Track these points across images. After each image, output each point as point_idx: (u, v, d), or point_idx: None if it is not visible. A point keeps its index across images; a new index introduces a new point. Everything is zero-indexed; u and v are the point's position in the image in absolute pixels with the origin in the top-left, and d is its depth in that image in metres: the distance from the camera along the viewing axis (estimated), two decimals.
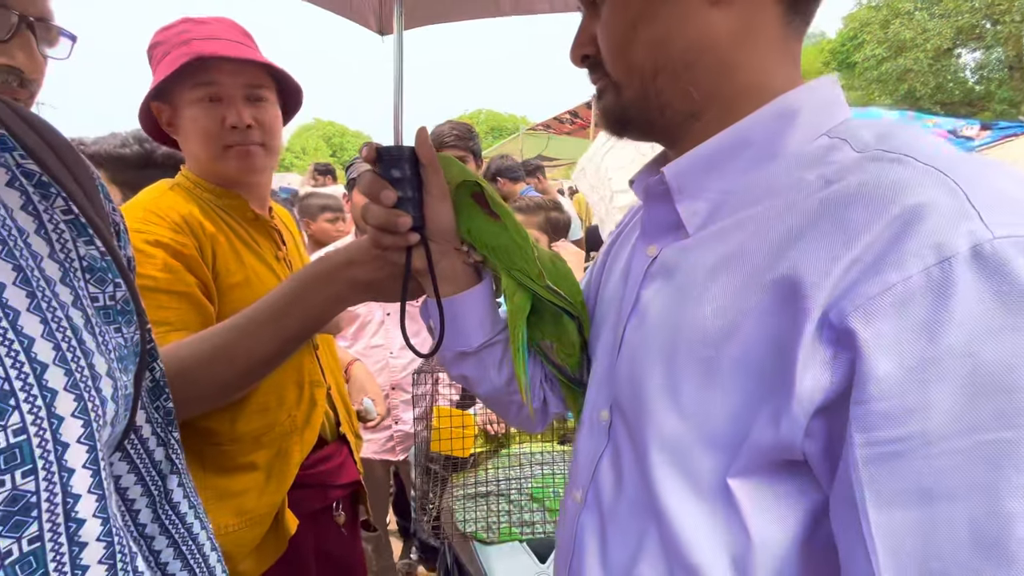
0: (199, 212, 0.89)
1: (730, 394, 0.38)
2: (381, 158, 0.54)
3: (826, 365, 0.33)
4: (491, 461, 1.34)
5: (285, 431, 0.93)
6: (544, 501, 1.16)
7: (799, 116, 0.42)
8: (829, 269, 0.33)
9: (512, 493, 1.18)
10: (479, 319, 0.57)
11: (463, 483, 1.24)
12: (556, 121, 6.52)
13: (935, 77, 15.61)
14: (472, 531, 1.09)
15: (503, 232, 0.55)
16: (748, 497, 0.38)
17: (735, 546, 0.38)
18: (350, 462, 1.11)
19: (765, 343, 0.36)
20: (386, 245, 0.55)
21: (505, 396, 0.63)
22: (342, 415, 1.10)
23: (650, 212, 0.49)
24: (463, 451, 1.28)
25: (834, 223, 0.34)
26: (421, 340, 2.05)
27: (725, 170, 0.43)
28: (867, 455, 0.31)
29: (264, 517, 0.90)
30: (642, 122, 0.48)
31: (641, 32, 0.44)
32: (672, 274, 0.45)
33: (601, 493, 0.48)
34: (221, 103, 0.90)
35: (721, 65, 0.43)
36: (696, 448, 0.40)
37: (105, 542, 0.34)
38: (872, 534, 0.31)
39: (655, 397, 0.42)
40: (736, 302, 0.38)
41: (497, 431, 1.52)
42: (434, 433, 1.27)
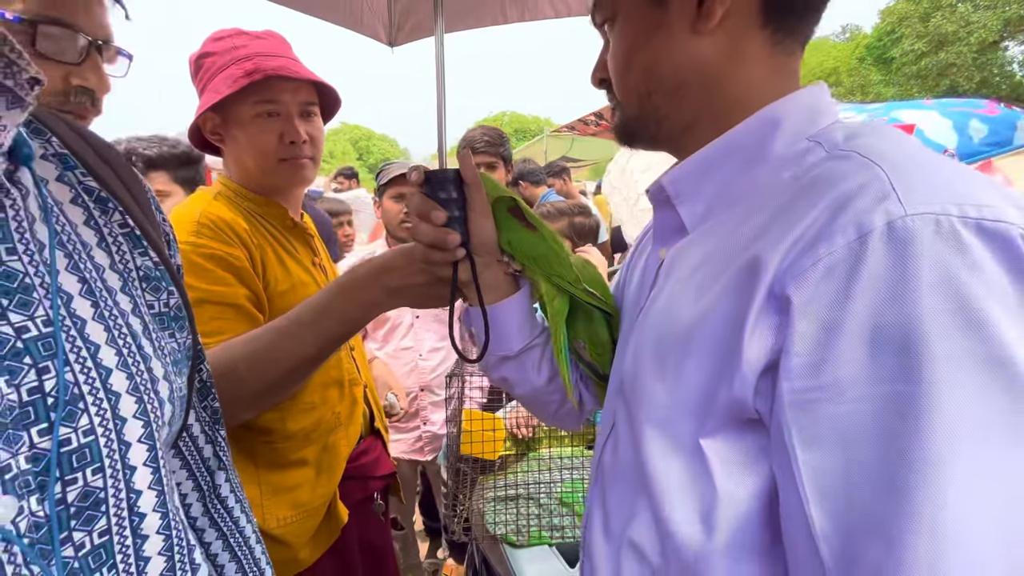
0: (244, 221, 0.92)
1: (701, 365, 0.43)
2: (429, 180, 0.57)
3: (771, 330, 0.38)
4: (519, 464, 1.35)
5: (330, 427, 0.98)
6: (573, 506, 1.16)
7: (783, 123, 0.46)
8: (778, 248, 0.38)
9: (542, 497, 1.19)
10: (519, 324, 0.62)
11: (492, 485, 1.25)
12: (580, 123, 6.49)
13: (979, 71, 14.91)
14: (502, 533, 1.10)
15: (541, 242, 0.59)
16: (716, 455, 0.42)
17: (704, 500, 0.42)
18: (385, 455, 1.16)
19: (727, 318, 0.41)
20: (435, 261, 0.59)
21: (544, 396, 0.66)
22: (375, 410, 1.15)
23: (659, 217, 0.55)
24: (493, 453, 1.29)
25: (789, 211, 0.39)
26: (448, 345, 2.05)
27: (717, 175, 0.48)
28: (791, 401, 0.36)
29: (318, 508, 0.95)
30: (644, 135, 0.54)
31: (636, 58, 0.50)
32: (671, 271, 0.50)
33: (604, 469, 0.54)
34: (279, 118, 0.94)
35: (709, 83, 0.48)
36: (675, 415, 0.45)
37: (164, 535, 0.36)
38: (800, 472, 0.36)
39: (647, 377, 0.48)
40: (711, 287, 0.43)
41: (525, 435, 1.53)
42: (464, 435, 1.29)
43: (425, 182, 0.57)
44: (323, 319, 0.67)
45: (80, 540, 0.31)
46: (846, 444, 0.34)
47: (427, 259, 0.59)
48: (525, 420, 1.49)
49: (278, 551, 0.91)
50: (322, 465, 0.97)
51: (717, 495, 0.41)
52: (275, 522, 0.91)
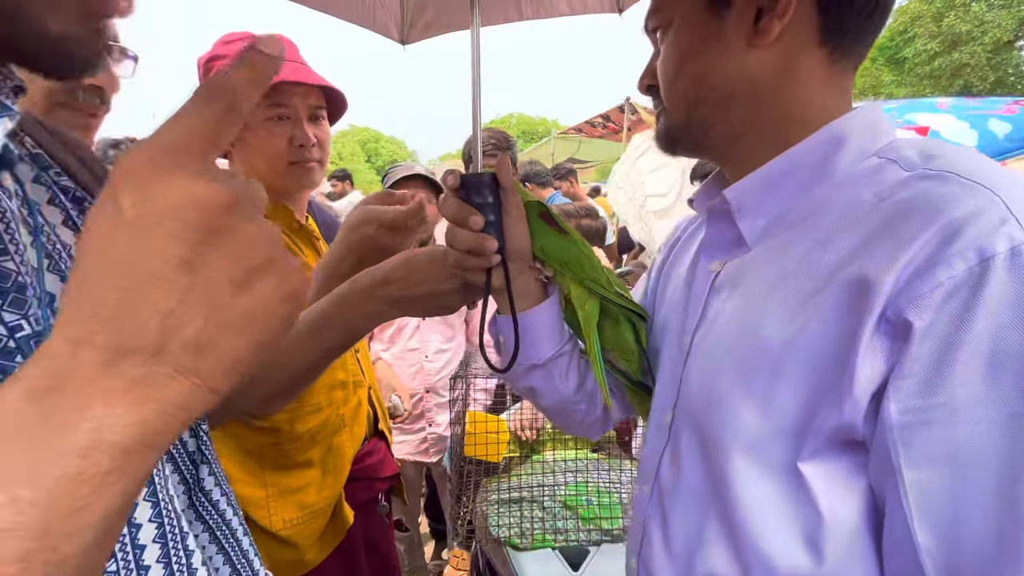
0: None
1: (797, 387, 0.42)
2: (464, 184, 0.56)
3: (882, 354, 0.38)
4: (523, 467, 1.34)
5: (335, 429, 0.99)
6: (577, 509, 1.16)
7: (847, 141, 0.46)
8: (887, 272, 0.38)
9: (545, 500, 1.19)
10: (549, 332, 0.61)
11: (496, 488, 1.25)
12: (588, 125, 6.48)
13: (994, 71, 14.69)
14: (505, 536, 1.10)
15: (572, 246, 0.58)
16: (817, 477, 0.42)
17: (807, 524, 0.42)
18: (389, 456, 1.17)
19: (830, 339, 0.41)
20: (470, 267, 0.57)
21: (571, 405, 0.66)
22: (379, 412, 1.16)
23: (713, 229, 0.54)
24: (496, 456, 1.29)
25: (892, 234, 0.39)
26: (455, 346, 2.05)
27: (780, 190, 0.48)
28: (900, 421, 0.37)
29: (324, 509, 0.96)
30: (688, 142, 0.54)
31: (687, 66, 0.50)
32: (736, 285, 0.50)
33: (663, 486, 0.53)
34: (288, 122, 0.95)
35: (759, 97, 0.48)
36: (767, 438, 0.44)
37: (157, 523, 0.37)
38: (907, 492, 0.37)
39: (728, 396, 0.47)
40: (803, 306, 0.43)
41: (528, 437, 1.52)
42: (468, 438, 1.29)
43: (460, 186, 0.56)
44: (325, 329, 0.66)
45: None
46: (957, 464, 0.35)
47: (461, 265, 0.57)
48: (529, 423, 1.49)
49: (284, 551, 0.92)
50: (328, 466, 0.97)
51: (822, 518, 0.41)
52: (281, 523, 0.91)
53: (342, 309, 0.65)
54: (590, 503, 1.17)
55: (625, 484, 1.25)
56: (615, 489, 1.23)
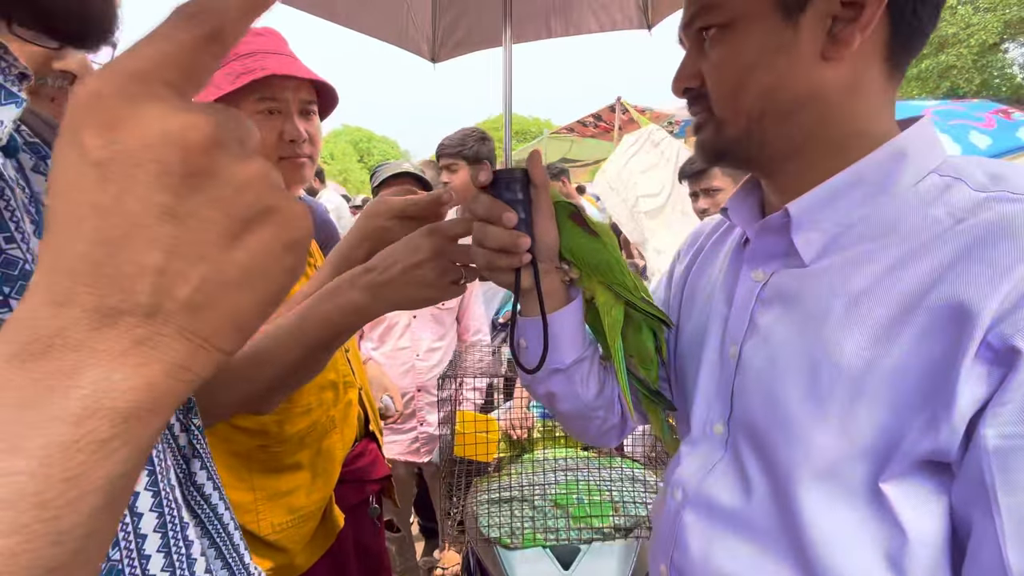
0: None
1: (879, 409, 0.42)
2: (496, 181, 0.55)
3: (982, 380, 0.38)
4: (514, 466, 1.34)
5: (325, 430, 0.97)
6: (568, 508, 1.16)
7: (908, 157, 0.46)
8: (987, 299, 0.38)
9: (536, 499, 1.18)
10: (571, 336, 0.60)
11: (487, 488, 1.25)
12: (580, 125, 6.49)
13: (980, 73, 14.92)
14: (496, 536, 1.09)
15: (603, 249, 0.57)
16: (901, 497, 0.42)
17: (890, 545, 0.42)
18: (380, 457, 1.15)
19: (921, 362, 0.40)
20: (499, 267, 0.55)
21: (589, 412, 0.64)
22: (370, 413, 1.14)
23: (761, 240, 0.53)
24: (487, 456, 1.28)
25: (985, 259, 0.39)
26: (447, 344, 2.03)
27: (840, 206, 0.47)
28: (997, 445, 0.37)
29: (314, 513, 0.94)
30: (740, 156, 0.52)
31: (754, 78, 0.47)
32: (795, 300, 0.48)
33: (712, 499, 0.52)
34: (279, 116, 0.92)
35: (825, 113, 0.47)
36: (846, 459, 0.43)
37: (157, 512, 0.37)
38: (1001, 515, 0.37)
39: (797, 415, 0.45)
40: (888, 329, 0.42)
41: (520, 436, 1.52)
42: (458, 438, 1.28)
43: (492, 183, 0.54)
44: (304, 323, 0.64)
45: None
46: None
47: (491, 266, 0.56)
48: (520, 421, 1.48)
49: (273, 556, 0.90)
50: (317, 469, 0.96)
51: (907, 538, 0.41)
52: (270, 527, 0.89)
53: (321, 301, 0.63)
54: (581, 501, 1.17)
55: (616, 482, 1.25)
56: (606, 487, 1.23)
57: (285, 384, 0.71)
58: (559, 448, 1.39)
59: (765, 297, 0.51)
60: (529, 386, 0.65)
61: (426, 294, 0.62)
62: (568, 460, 1.30)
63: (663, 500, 0.60)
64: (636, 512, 1.16)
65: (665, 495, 0.59)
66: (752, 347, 0.51)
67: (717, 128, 0.50)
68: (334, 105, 1.05)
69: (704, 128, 0.52)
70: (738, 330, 0.52)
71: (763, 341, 0.50)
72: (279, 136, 0.92)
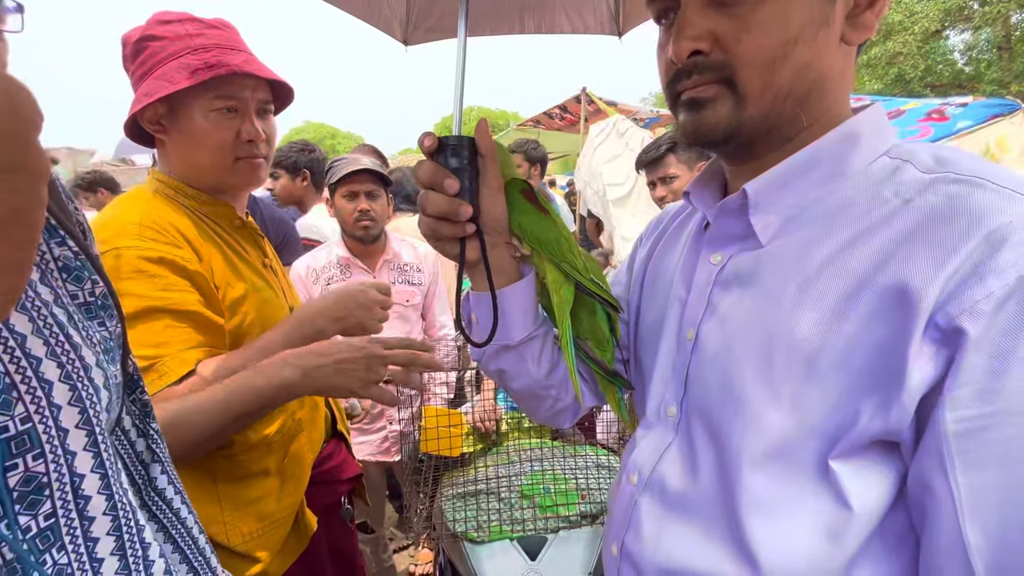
0: (189, 222, 0.86)
1: (829, 389, 0.42)
2: (443, 147, 0.54)
3: (930, 360, 0.38)
4: (482, 459, 1.33)
5: (292, 434, 0.95)
6: (534, 498, 1.16)
7: (861, 139, 0.46)
8: (932, 278, 0.38)
9: (502, 491, 1.18)
10: (522, 313, 0.59)
11: (453, 482, 1.24)
12: (546, 116, 6.47)
13: (924, 60, 15.62)
14: (462, 531, 1.09)
15: (552, 226, 0.57)
16: (850, 473, 0.42)
17: (832, 519, 0.43)
18: (350, 458, 1.13)
19: (869, 343, 0.40)
20: (443, 235, 0.54)
21: (541, 390, 0.64)
22: (336, 413, 1.12)
23: (720, 223, 0.52)
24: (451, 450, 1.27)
25: (930, 239, 0.39)
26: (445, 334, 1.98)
27: (796, 187, 0.47)
28: (956, 430, 0.37)
29: (286, 518, 0.92)
30: (748, 140, 0.48)
31: (796, 52, 0.43)
32: (751, 281, 0.48)
33: (665, 481, 0.52)
34: (236, 115, 0.89)
35: (826, 97, 0.47)
36: (797, 438, 0.43)
37: (111, 515, 0.38)
38: (959, 494, 0.38)
39: (751, 395, 0.45)
40: (839, 309, 0.42)
41: (489, 428, 1.51)
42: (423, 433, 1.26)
43: (438, 150, 0.53)
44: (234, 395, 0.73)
45: (26, 523, 0.33)
46: (1012, 465, 0.37)
47: (434, 234, 0.55)
48: (488, 414, 1.48)
49: (244, 566, 0.87)
50: (286, 473, 0.93)
51: (852, 512, 0.42)
52: (240, 538, 0.86)
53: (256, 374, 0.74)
54: (548, 491, 1.17)
55: (582, 469, 1.26)
56: (572, 475, 1.24)
57: (203, 447, 0.75)
58: (528, 439, 1.39)
59: (723, 279, 0.51)
60: (480, 362, 0.65)
61: (351, 386, 0.73)
62: (536, 450, 1.30)
63: (619, 483, 0.60)
64: (603, 499, 1.17)
65: (621, 478, 0.59)
66: (709, 329, 0.51)
67: (737, 105, 0.45)
68: (289, 103, 1.02)
69: (713, 104, 0.46)
70: (696, 313, 0.52)
71: (720, 323, 0.50)
72: (236, 136, 0.89)
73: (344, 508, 1.11)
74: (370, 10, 1.16)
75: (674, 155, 1.74)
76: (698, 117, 0.47)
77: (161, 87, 0.85)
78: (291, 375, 0.73)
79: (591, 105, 5.13)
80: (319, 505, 1.02)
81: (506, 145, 1.65)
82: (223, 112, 0.87)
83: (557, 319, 0.58)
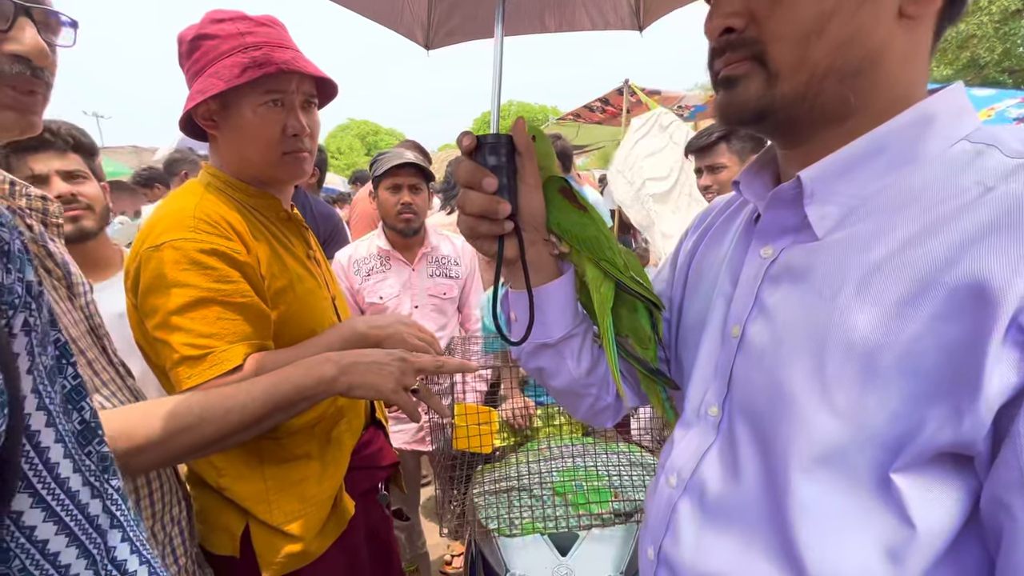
0: (238, 215, 0.90)
1: (890, 395, 0.38)
2: (480, 146, 0.54)
3: (1013, 367, 0.34)
4: (515, 456, 1.34)
5: (333, 420, 0.99)
6: (567, 495, 1.15)
7: (936, 123, 0.42)
8: (1016, 275, 0.34)
9: (535, 488, 1.18)
10: (560, 310, 0.58)
11: (485, 479, 1.24)
12: (586, 110, 6.39)
13: (1002, 42, 14.35)
14: (494, 526, 1.09)
15: (591, 224, 0.56)
16: (913, 489, 0.38)
17: (893, 538, 0.39)
18: (387, 445, 1.17)
19: (937, 345, 0.36)
20: (481, 233, 0.54)
21: (581, 389, 0.63)
22: (376, 402, 1.15)
23: (771, 214, 0.49)
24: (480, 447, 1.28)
25: (1015, 231, 0.35)
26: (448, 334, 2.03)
27: (858, 175, 0.43)
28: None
29: (326, 501, 0.96)
30: (785, 119, 0.45)
31: (833, 27, 0.41)
32: (805, 275, 0.45)
33: (706, 485, 0.50)
34: (282, 109, 0.92)
35: (884, 77, 0.43)
36: (852, 445, 0.40)
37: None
38: None
39: (800, 397, 0.42)
40: (904, 308, 0.38)
41: (522, 425, 1.52)
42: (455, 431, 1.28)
43: (476, 148, 0.54)
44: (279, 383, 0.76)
45: None
46: None
47: (473, 232, 0.55)
48: (522, 411, 1.48)
49: (285, 543, 0.92)
50: (327, 458, 0.97)
51: (915, 531, 0.38)
52: (283, 516, 0.92)
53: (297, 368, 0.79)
54: (580, 487, 1.16)
55: (616, 467, 1.24)
56: (605, 473, 1.22)
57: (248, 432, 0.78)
58: (560, 436, 1.38)
59: (773, 274, 0.48)
60: (519, 360, 0.64)
61: (382, 386, 0.78)
62: (568, 447, 1.29)
63: (656, 484, 0.58)
64: (636, 496, 1.15)
65: (659, 479, 0.58)
66: (756, 326, 0.48)
67: (768, 81, 0.44)
68: (332, 98, 1.05)
69: (744, 81, 0.45)
70: (742, 309, 0.49)
71: (768, 320, 0.47)
72: (283, 130, 0.92)
73: (380, 494, 1.14)
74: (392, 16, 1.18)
75: (726, 144, 1.67)
76: (729, 95, 0.46)
77: (213, 84, 0.88)
78: (329, 371, 0.78)
79: (633, 97, 5.02)
80: (357, 490, 1.05)
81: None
82: (269, 105, 0.90)
83: (598, 317, 0.57)
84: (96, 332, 0.76)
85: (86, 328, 0.74)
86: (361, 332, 0.94)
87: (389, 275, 1.84)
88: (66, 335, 0.54)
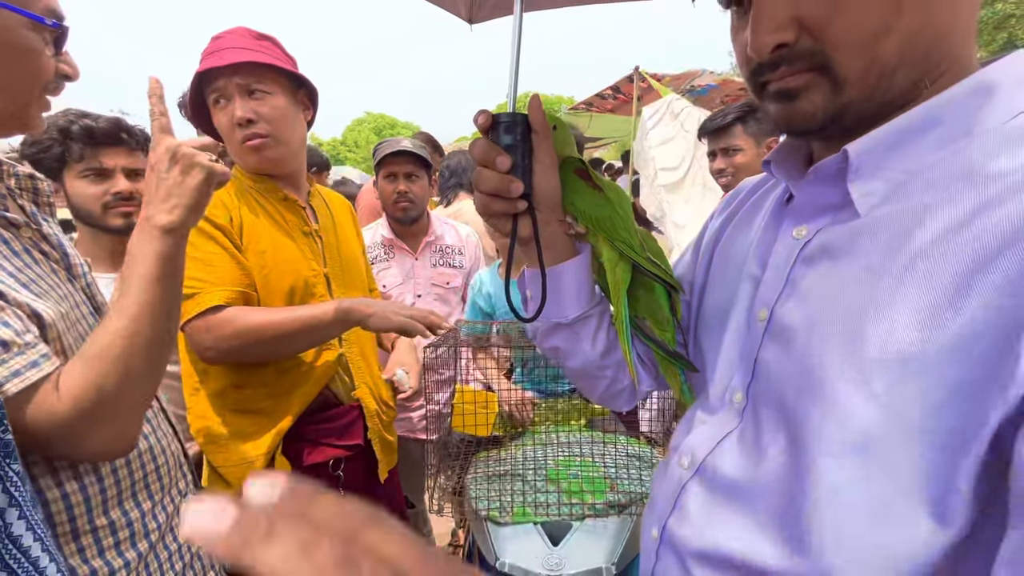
0: (235, 193, 1.05)
1: (934, 383, 0.35)
2: (496, 124, 0.54)
3: None
4: (514, 442, 1.33)
5: (293, 384, 1.07)
6: (560, 483, 1.14)
7: (997, 92, 0.38)
8: None
9: (528, 474, 1.17)
10: (576, 290, 0.58)
11: (480, 464, 1.24)
12: (598, 98, 6.29)
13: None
14: (485, 511, 1.09)
15: (607, 203, 0.56)
16: (952, 483, 0.35)
17: (922, 529, 0.36)
18: (358, 426, 1.17)
19: (990, 332, 0.33)
20: (495, 211, 0.54)
21: (596, 371, 0.63)
22: (361, 380, 1.15)
23: (808, 191, 0.46)
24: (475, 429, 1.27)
25: None
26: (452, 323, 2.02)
27: (909, 149, 0.40)
28: None
29: (260, 457, 1.04)
30: (853, 122, 0.42)
31: (902, 22, 0.38)
32: (844, 255, 0.42)
33: (720, 468, 0.48)
34: (228, 103, 1.03)
35: (951, 46, 0.39)
36: (888, 435, 0.37)
37: None
38: None
39: (834, 381, 0.39)
40: (953, 289, 0.35)
41: (524, 415, 1.50)
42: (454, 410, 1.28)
43: (491, 127, 0.54)
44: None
45: None
46: None
47: (487, 210, 0.54)
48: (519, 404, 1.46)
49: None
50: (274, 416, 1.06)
51: (947, 524, 0.35)
52: (223, 464, 1.05)
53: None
54: (576, 476, 1.15)
55: (613, 457, 1.22)
56: (601, 463, 1.20)
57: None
58: (557, 426, 1.37)
59: (807, 255, 0.44)
60: (535, 338, 0.64)
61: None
62: (567, 436, 1.27)
63: (666, 465, 0.57)
64: (632, 488, 1.13)
65: (670, 461, 0.56)
66: (786, 309, 0.45)
67: (834, 90, 0.41)
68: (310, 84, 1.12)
69: (807, 93, 0.42)
70: (771, 292, 0.47)
71: (800, 302, 0.44)
72: (230, 122, 1.02)
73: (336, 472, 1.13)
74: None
75: (742, 125, 1.61)
76: (790, 107, 0.43)
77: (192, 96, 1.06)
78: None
79: (643, 83, 4.92)
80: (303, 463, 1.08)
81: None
82: (221, 104, 1.04)
83: (612, 298, 0.57)
84: (100, 311, 0.77)
85: (89, 309, 0.75)
86: (346, 307, 1.02)
87: (392, 264, 1.84)
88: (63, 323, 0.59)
